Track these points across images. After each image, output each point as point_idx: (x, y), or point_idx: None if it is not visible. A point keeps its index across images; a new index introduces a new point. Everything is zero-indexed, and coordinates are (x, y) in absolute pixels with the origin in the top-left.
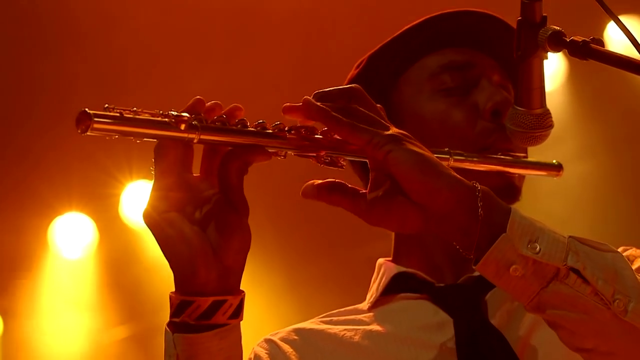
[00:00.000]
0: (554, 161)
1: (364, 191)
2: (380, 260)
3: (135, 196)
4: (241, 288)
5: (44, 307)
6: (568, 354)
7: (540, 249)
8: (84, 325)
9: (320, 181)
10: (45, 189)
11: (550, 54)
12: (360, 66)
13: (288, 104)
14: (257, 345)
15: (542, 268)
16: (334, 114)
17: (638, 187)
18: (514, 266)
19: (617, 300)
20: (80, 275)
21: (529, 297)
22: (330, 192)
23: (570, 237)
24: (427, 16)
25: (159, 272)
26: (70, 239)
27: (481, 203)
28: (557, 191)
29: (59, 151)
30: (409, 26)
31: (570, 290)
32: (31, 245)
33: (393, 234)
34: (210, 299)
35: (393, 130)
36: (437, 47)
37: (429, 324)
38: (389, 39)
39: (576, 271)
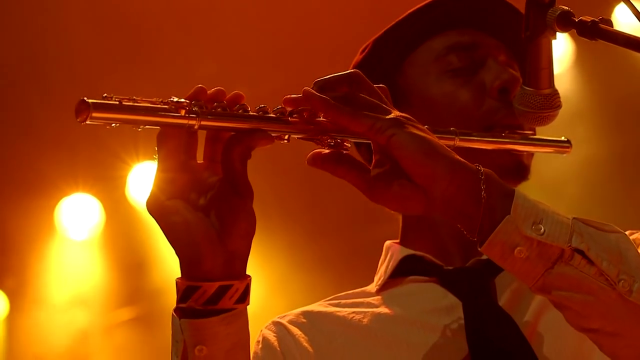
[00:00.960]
0: (563, 137)
1: (370, 167)
2: (388, 243)
3: (142, 177)
4: (248, 271)
5: (50, 288)
6: (577, 336)
7: (544, 230)
8: (90, 307)
9: (328, 150)
10: (51, 170)
11: (558, 36)
12: (365, 51)
13: (288, 96)
14: (265, 328)
15: (547, 249)
16: (334, 103)
17: None
18: (518, 248)
19: (622, 281)
20: (87, 257)
21: (534, 279)
22: (337, 163)
23: (574, 218)
24: None
25: (165, 254)
26: (76, 220)
27: (484, 186)
28: (566, 173)
29: (65, 132)
30: (413, 9)
31: (575, 271)
32: (37, 226)
33: (400, 216)
34: (217, 284)
35: (395, 113)
36: (442, 29)
37: (438, 307)
38: (393, 22)
39: (580, 252)
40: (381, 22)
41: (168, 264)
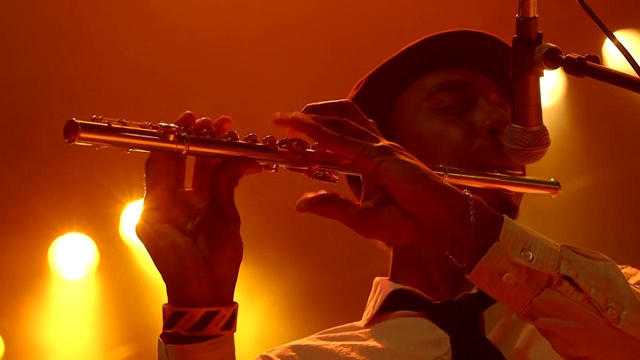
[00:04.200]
0: (552, 179)
1: (357, 203)
2: (377, 279)
3: (136, 216)
4: (240, 304)
5: (45, 328)
6: None
7: (533, 257)
8: (85, 346)
9: (312, 194)
10: (45, 210)
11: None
12: (359, 87)
13: (279, 113)
14: None
15: (535, 276)
16: (324, 128)
17: (637, 201)
18: (507, 274)
19: (610, 308)
20: (81, 296)
21: (522, 305)
22: (323, 205)
23: (562, 245)
24: (425, 37)
25: (160, 292)
26: (70, 260)
27: (473, 212)
28: (555, 206)
29: (58, 172)
30: (406, 47)
31: (563, 298)
32: (32, 266)
33: (391, 252)
34: (203, 310)
35: (384, 142)
36: (435, 67)
37: (426, 340)
38: (387, 59)
39: (569, 279)
40: (375, 56)
41: (163, 302)
